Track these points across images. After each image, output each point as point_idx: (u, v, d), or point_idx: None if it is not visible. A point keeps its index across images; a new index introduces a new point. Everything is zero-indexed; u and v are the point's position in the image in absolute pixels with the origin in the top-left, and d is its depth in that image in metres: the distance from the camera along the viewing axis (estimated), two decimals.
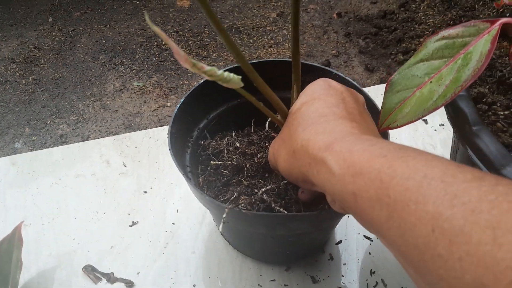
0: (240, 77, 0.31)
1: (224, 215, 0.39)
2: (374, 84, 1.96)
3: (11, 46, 2.25)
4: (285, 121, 0.38)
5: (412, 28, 2.29)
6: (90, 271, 0.52)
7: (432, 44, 0.36)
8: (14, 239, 0.49)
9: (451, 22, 2.25)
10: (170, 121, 0.47)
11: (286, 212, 0.42)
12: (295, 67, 0.40)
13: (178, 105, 0.49)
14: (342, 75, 0.51)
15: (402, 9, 2.43)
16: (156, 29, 0.24)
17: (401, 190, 0.23)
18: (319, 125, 0.33)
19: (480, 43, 0.33)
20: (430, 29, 2.25)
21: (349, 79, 0.51)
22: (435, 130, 0.71)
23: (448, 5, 2.40)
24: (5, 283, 0.47)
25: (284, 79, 0.48)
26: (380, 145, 0.28)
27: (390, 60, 2.10)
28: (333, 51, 2.18)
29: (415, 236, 0.22)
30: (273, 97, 0.39)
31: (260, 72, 0.37)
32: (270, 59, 0.54)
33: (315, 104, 0.35)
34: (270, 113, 0.39)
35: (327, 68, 0.52)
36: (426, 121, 0.73)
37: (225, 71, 0.30)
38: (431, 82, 0.34)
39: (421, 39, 2.17)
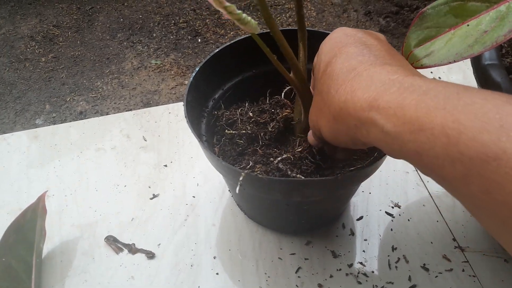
0: (257, 22, 0.32)
1: (241, 178, 0.39)
2: None
3: (30, 24, 2.26)
4: (315, 89, 0.36)
5: None
6: (112, 241, 0.53)
7: None
8: (38, 208, 0.50)
9: None
10: (186, 89, 0.47)
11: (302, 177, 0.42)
12: (300, 24, 0.40)
13: (194, 74, 0.48)
14: None
15: None
16: None
17: (475, 146, 0.21)
18: (352, 82, 0.30)
19: None
20: None
21: None
22: None
23: None
24: (30, 251, 0.47)
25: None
26: (433, 92, 0.24)
27: None
28: None
29: (504, 193, 0.20)
30: (291, 56, 0.38)
31: (267, 43, 0.36)
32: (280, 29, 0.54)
33: (338, 60, 0.32)
34: (285, 71, 0.39)
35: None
36: None
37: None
38: (467, 25, 0.30)
39: None
